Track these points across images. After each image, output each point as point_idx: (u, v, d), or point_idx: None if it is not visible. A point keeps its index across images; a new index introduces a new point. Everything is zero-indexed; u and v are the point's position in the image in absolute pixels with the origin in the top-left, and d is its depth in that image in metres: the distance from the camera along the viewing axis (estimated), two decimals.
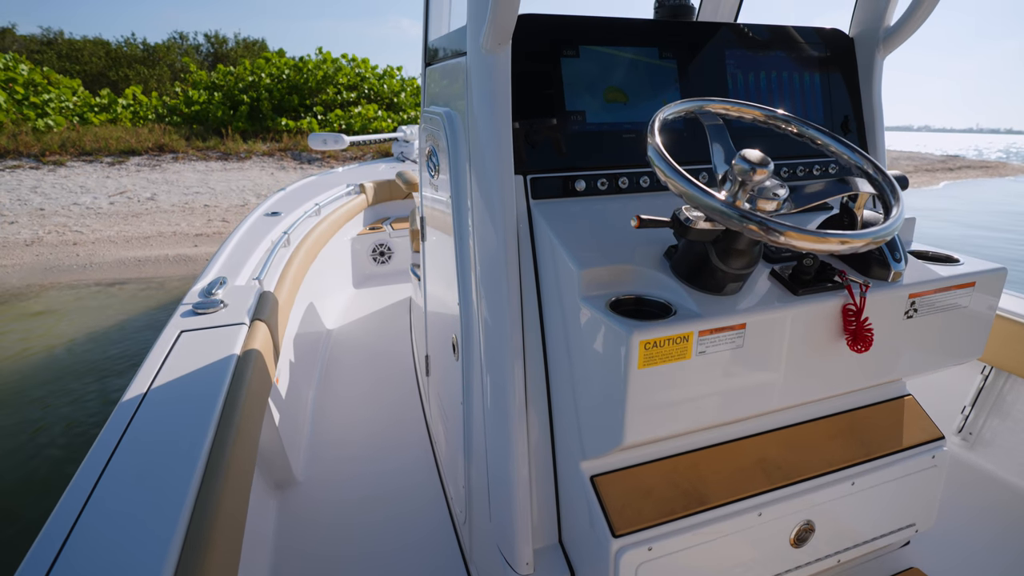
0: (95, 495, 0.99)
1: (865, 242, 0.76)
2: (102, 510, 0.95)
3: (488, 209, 1.14)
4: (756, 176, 0.81)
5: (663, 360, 0.89)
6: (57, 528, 0.92)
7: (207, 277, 2.16)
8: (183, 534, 0.91)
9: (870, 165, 0.95)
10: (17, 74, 13.63)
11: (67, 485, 1.04)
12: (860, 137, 1.47)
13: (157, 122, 15.04)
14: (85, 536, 0.90)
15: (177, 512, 0.94)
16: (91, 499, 0.98)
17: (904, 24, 1.37)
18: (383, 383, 2.69)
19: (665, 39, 1.30)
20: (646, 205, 1.22)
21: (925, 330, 1.12)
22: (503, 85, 1.11)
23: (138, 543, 0.89)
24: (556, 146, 1.19)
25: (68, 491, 1.01)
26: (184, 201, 9.48)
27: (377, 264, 4.25)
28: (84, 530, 0.91)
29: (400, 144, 5.61)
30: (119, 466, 1.06)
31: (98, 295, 5.71)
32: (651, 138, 0.89)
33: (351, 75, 16.96)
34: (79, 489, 1.00)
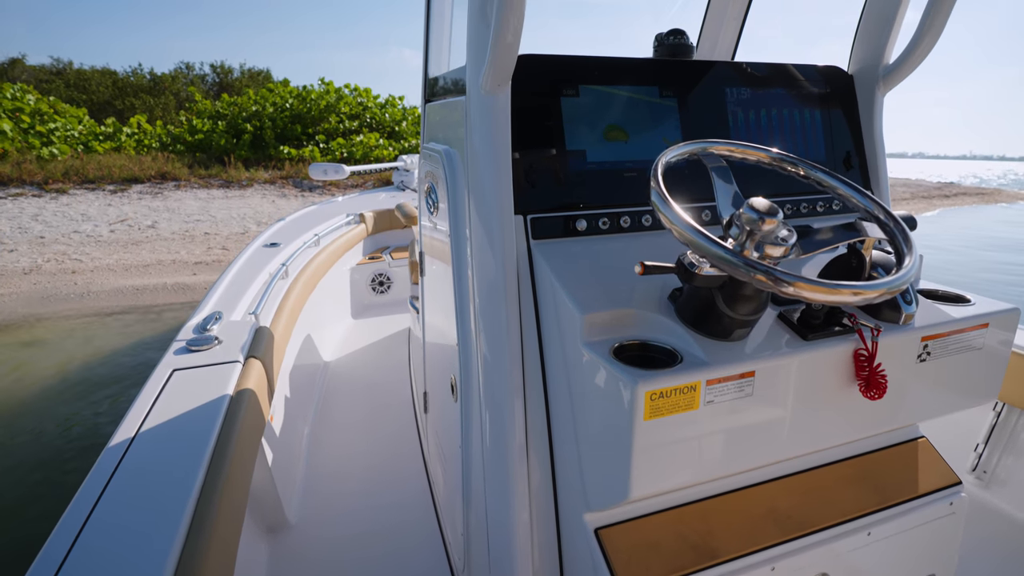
0: (78, 543, 0.95)
1: (879, 293, 0.73)
2: (84, 562, 0.91)
3: (488, 249, 1.12)
4: (765, 226, 0.79)
5: (670, 411, 0.85)
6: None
7: (203, 312, 2.13)
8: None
9: (880, 210, 0.93)
10: (24, 103, 13.85)
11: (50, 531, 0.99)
12: (862, 174, 1.46)
13: (161, 150, 15.22)
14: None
15: (162, 563, 0.90)
16: (74, 547, 0.94)
17: (903, 62, 1.37)
18: (380, 417, 2.63)
19: (665, 77, 1.30)
20: (649, 244, 1.20)
21: (939, 373, 1.09)
22: (503, 125, 1.10)
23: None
24: (556, 186, 1.17)
25: (51, 539, 0.97)
26: (184, 229, 9.51)
27: (376, 294, 4.22)
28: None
29: (400, 173, 5.65)
30: (103, 514, 1.02)
31: (92, 325, 5.66)
32: (654, 182, 0.87)
33: (353, 104, 17.25)
34: (61, 538, 0.96)
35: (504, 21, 0.96)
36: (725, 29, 2.00)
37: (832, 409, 1.00)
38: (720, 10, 1.99)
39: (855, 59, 1.48)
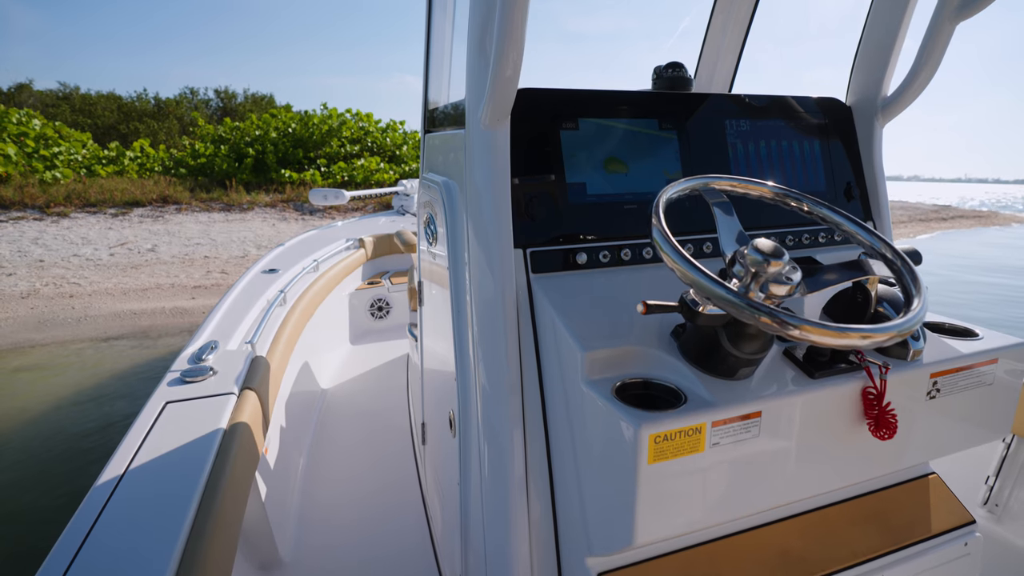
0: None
1: (889, 336, 0.71)
2: None
3: (487, 283, 1.10)
4: (770, 268, 0.77)
5: (675, 454, 0.82)
6: None
7: (198, 341, 2.11)
8: None
9: (887, 248, 0.92)
10: (29, 128, 14.01)
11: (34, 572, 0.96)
12: (863, 204, 1.45)
13: (163, 174, 15.36)
14: None
15: None
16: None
17: (901, 94, 1.37)
18: (377, 447, 2.58)
19: (664, 110, 1.30)
20: (650, 277, 1.19)
21: (949, 410, 1.06)
22: (502, 160, 1.09)
23: None
24: (556, 219, 1.16)
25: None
26: (184, 252, 9.52)
27: (375, 319, 4.20)
28: None
29: (401, 197, 5.67)
30: (88, 555, 0.99)
31: (87, 351, 5.61)
32: (655, 219, 0.86)
33: (355, 129, 17.47)
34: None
35: (503, 56, 0.96)
36: (722, 61, 2.02)
37: (841, 449, 0.98)
38: (717, 43, 2.02)
39: (853, 90, 1.49)
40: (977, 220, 23.30)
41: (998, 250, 15.47)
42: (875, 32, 1.42)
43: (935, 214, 23.62)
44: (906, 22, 1.37)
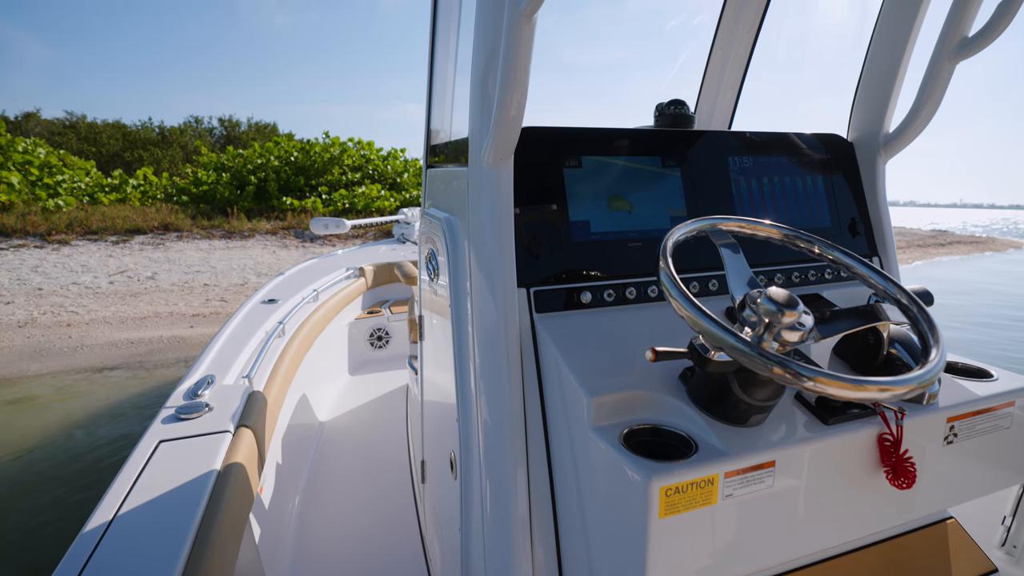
0: None
1: (909, 389, 0.69)
2: None
3: (490, 323, 1.08)
4: (784, 319, 0.75)
5: (687, 507, 0.79)
6: None
7: (195, 375, 2.07)
8: None
9: (902, 293, 0.90)
10: (34, 156, 14.17)
11: None
12: (868, 240, 1.44)
13: (165, 201, 15.47)
14: None
15: None
16: None
17: (903, 131, 1.37)
18: (375, 484, 2.52)
19: (667, 147, 1.30)
20: (655, 316, 1.17)
21: (968, 456, 1.03)
22: (505, 199, 1.08)
23: None
24: (560, 257, 1.15)
25: None
26: (184, 280, 9.51)
27: (374, 349, 4.16)
28: None
29: (401, 225, 5.68)
30: None
31: (82, 382, 5.53)
32: (663, 262, 0.84)
33: (356, 157, 17.68)
34: None
35: (507, 97, 0.96)
36: (722, 96, 2.04)
37: (857, 497, 0.94)
38: (717, 78, 2.04)
39: (854, 126, 1.49)
40: (975, 246, 23.41)
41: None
42: (875, 69, 1.43)
43: (932, 239, 23.76)
44: (906, 60, 1.38)
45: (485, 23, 1.03)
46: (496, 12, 1.00)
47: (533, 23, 0.90)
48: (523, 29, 0.89)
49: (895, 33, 1.37)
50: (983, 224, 58.75)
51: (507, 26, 0.91)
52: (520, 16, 0.88)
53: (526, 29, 0.90)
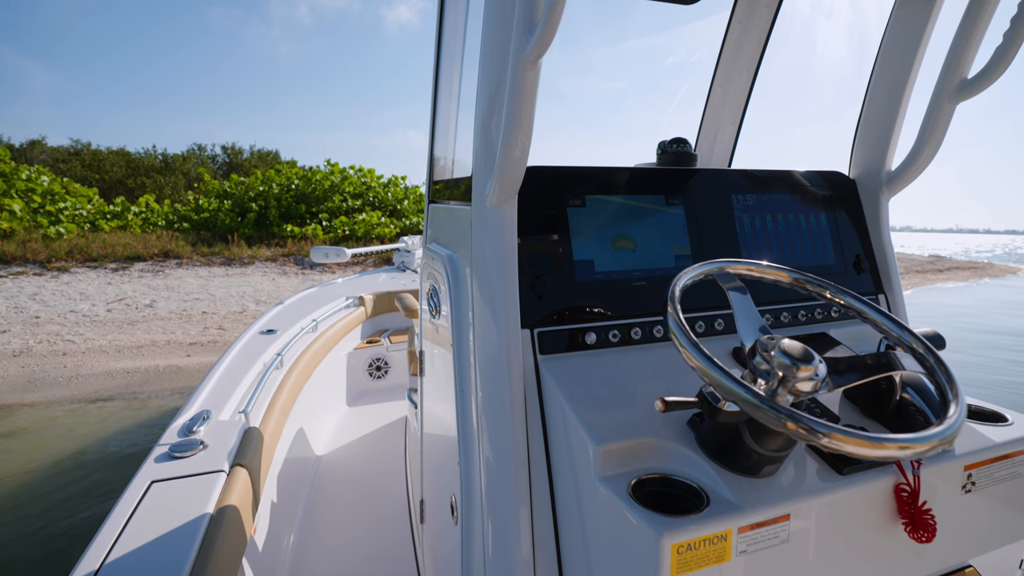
0: None
1: (930, 447, 0.66)
2: None
3: (493, 364, 1.06)
4: (800, 373, 0.73)
5: (699, 564, 0.75)
6: None
7: (190, 410, 2.04)
8: None
9: (917, 342, 0.87)
10: (37, 184, 14.28)
11: None
12: (873, 277, 1.43)
13: (166, 228, 15.54)
14: None
15: None
16: None
17: (905, 170, 1.37)
18: (372, 522, 2.46)
19: (670, 186, 1.30)
20: (661, 357, 1.15)
21: (987, 505, 0.99)
22: (509, 239, 1.07)
23: None
24: (564, 297, 1.13)
25: None
26: (182, 308, 9.48)
27: (373, 379, 4.11)
28: None
29: (402, 254, 5.68)
30: None
31: (76, 413, 5.45)
32: (671, 307, 0.82)
33: (357, 184, 17.84)
34: None
35: (512, 138, 0.95)
36: (722, 132, 2.06)
37: (874, 551, 0.90)
38: (717, 113, 2.06)
39: (856, 164, 1.50)
40: (973, 272, 23.46)
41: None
42: (875, 107, 1.44)
43: (931, 265, 23.83)
44: (906, 98, 1.39)
45: (489, 66, 1.04)
46: (501, 56, 1.00)
47: (538, 68, 0.90)
48: (528, 74, 0.90)
49: (895, 72, 1.38)
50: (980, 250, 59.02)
51: (512, 70, 0.91)
52: (525, 61, 0.88)
53: (531, 74, 0.90)
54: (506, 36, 0.98)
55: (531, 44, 0.85)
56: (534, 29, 0.85)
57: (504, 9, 0.98)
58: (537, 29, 0.83)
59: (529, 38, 0.86)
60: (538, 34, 0.83)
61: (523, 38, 0.87)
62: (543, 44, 0.84)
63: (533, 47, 0.85)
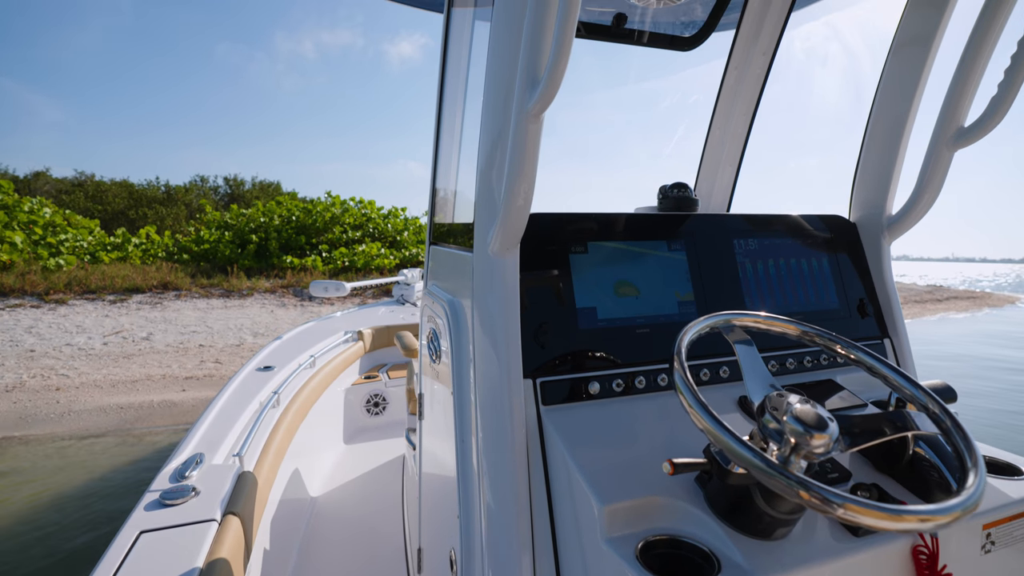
0: None
1: (952, 518, 0.63)
2: None
3: (494, 415, 1.04)
4: (814, 441, 0.71)
5: None
6: None
7: (183, 453, 1.99)
8: None
9: (934, 403, 0.85)
10: (39, 216, 14.36)
11: None
12: (878, 322, 1.42)
13: (166, 260, 15.57)
14: None
15: None
16: None
17: (906, 215, 1.38)
18: (367, 567, 2.38)
19: (672, 231, 1.30)
20: (666, 406, 1.12)
21: (1007, 565, 0.95)
22: (511, 288, 1.06)
23: None
24: (567, 346, 1.12)
25: None
26: (179, 341, 9.41)
27: (370, 416, 4.04)
28: None
29: (401, 287, 5.66)
30: None
31: (67, 450, 5.33)
32: (678, 363, 0.80)
33: (357, 215, 17.98)
34: None
35: (514, 188, 0.95)
36: (721, 173, 2.07)
37: None
38: (716, 155, 2.07)
39: (856, 207, 1.50)
40: (972, 301, 23.46)
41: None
42: (873, 152, 1.45)
43: (929, 295, 23.85)
44: (904, 143, 1.40)
45: (491, 117, 1.04)
46: (503, 108, 1.01)
47: (540, 121, 0.90)
48: (530, 127, 0.90)
49: (892, 117, 1.39)
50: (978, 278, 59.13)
51: (514, 123, 0.91)
52: (528, 115, 0.88)
53: (533, 127, 0.90)
54: (509, 89, 0.99)
55: (534, 99, 0.85)
56: (537, 84, 0.85)
57: (507, 63, 0.99)
58: (540, 85, 0.84)
59: (532, 93, 0.86)
60: (541, 89, 0.84)
61: (526, 93, 0.87)
62: (546, 99, 0.85)
63: (536, 102, 0.85)
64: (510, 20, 0.97)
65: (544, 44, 0.85)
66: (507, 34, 0.98)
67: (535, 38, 0.85)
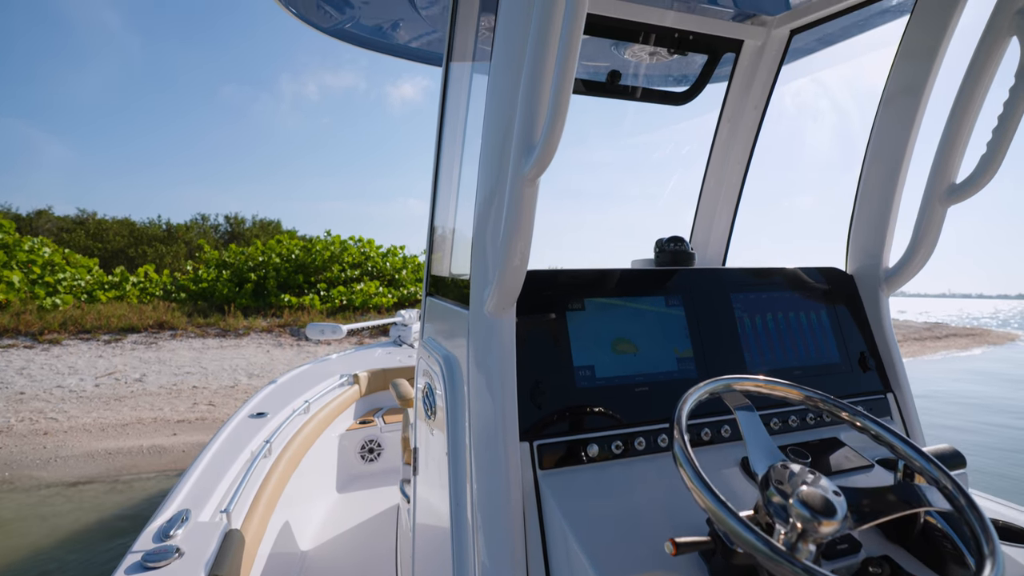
0: None
1: None
2: None
3: (489, 480, 1.00)
4: (823, 528, 0.68)
5: None
6: None
7: (168, 509, 1.91)
8: None
9: (946, 479, 0.81)
10: (39, 255, 14.38)
11: None
12: (880, 376, 1.39)
13: (164, 299, 15.52)
14: None
15: None
16: None
17: (902, 269, 1.37)
18: None
19: (669, 287, 1.29)
20: (665, 468, 1.09)
21: None
22: (507, 348, 1.04)
23: None
24: (564, 406, 1.09)
25: None
26: (173, 382, 9.28)
27: (365, 462, 3.94)
28: None
29: (398, 328, 5.62)
30: None
31: (52, 498, 5.16)
32: (677, 432, 0.78)
33: (356, 254, 18.06)
34: None
35: (511, 247, 0.94)
36: (717, 223, 2.09)
37: None
38: (711, 207, 2.09)
39: (852, 260, 1.50)
40: (971, 338, 23.40)
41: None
42: (867, 204, 1.46)
43: (928, 332, 23.79)
44: (898, 196, 1.41)
45: (487, 179, 1.05)
46: (499, 171, 1.01)
47: (536, 185, 0.90)
48: (526, 191, 0.90)
49: (885, 169, 1.41)
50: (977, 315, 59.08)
51: (510, 187, 0.91)
52: (524, 179, 0.89)
53: (529, 191, 0.90)
54: (505, 152, 1.00)
55: (530, 164, 0.86)
56: (533, 149, 0.86)
57: (503, 126, 1.00)
58: (536, 150, 0.84)
59: (528, 157, 0.86)
60: (537, 155, 0.84)
61: (522, 157, 0.87)
62: (542, 164, 0.85)
63: (532, 166, 0.86)
64: (506, 83, 0.99)
65: (540, 109, 0.86)
66: (503, 97, 1.00)
67: (531, 102, 0.86)
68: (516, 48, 0.95)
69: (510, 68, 0.97)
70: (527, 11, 0.91)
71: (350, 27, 2.07)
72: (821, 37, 1.84)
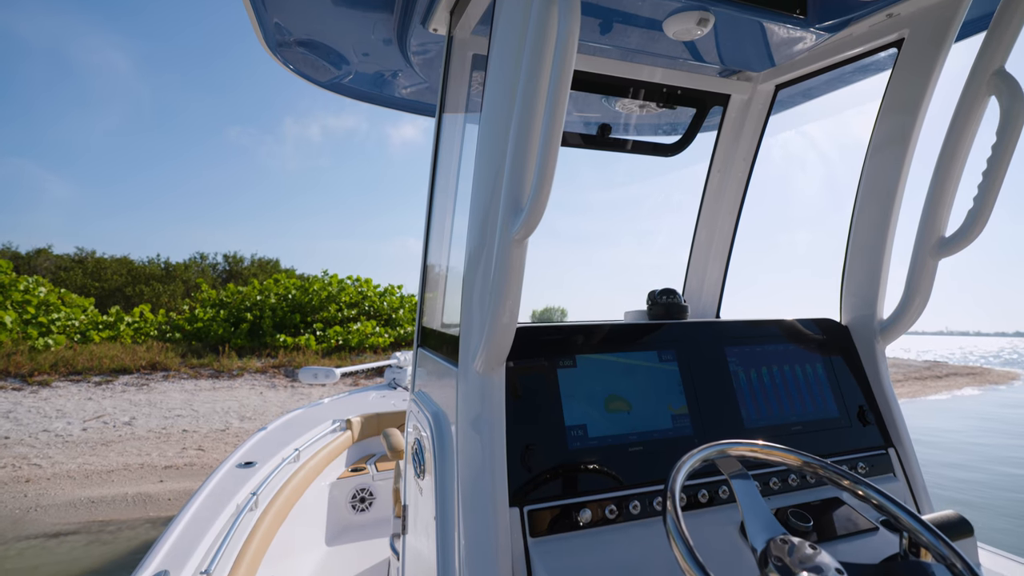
0: None
1: None
2: None
3: (477, 548, 0.96)
4: None
5: None
6: None
7: (147, 569, 1.83)
8: None
9: (955, 555, 0.78)
10: (35, 295, 14.31)
11: None
12: (880, 430, 1.36)
13: (158, 339, 15.36)
14: None
15: None
16: None
17: (897, 321, 1.36)
18: None
19: (662, 341, 1.27)
20: (661, 533, 1.04)
21: None
22: (497, 408, 1.02)
23: None
24: (556, 468, 1.05)
25: None
26: (162, 426, 9.08)
27: (356, 512, 3.81)
28: None
29: (393, 370, 5.56)
30: None
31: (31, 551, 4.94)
32: (670, 504, 0.75)
33: (353, 294, 18.04)
34: None
35: (499, 306, 0.93)
36: (709, 274, 2.09)
37: None
38: (703, 256, 2.09)
39: (847, 311, 1.49)
40: (972, 377, 23.23)
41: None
42: (859, 256, 1.46)
43: (928, 371, 23.62)
44: (888, 246, 1.41)
45: (476, 239, 1.05)
46: (488, 232, 1.01)
47: (524, 245, 0.90)
48: (514, 251, 0.90)
49: (874, 220, 1.41)
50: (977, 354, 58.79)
51: (499, 248, 0.91)
52: (511, 240, 0.89)
53: (517, 251, 0.90)
54: (493, 213, 1.00)
55: (517, 226, 0.86)
56: (520, 212, 0.86)
57: (491, 188, 1.00)
58: (524, 213, 0.84)
59: (516, 220, 0.86)
60: (524, 217, 0.84)
61: (509, 219, 0.87)
62: (530, 226, 0.85)
63: (519, 229, 0.86)
64: (494, 145, 1.00)
65: (527, 170, 0.86)
66: (491, 158, 1.01)
67: (518, 164, 0.86)
68: (503, 109, 0.97)
69: (498, 129, 0.98)
70: (514, 72, 0.92)
71: (348, 81, 2.12)
72: (805, 91, 1.89)
